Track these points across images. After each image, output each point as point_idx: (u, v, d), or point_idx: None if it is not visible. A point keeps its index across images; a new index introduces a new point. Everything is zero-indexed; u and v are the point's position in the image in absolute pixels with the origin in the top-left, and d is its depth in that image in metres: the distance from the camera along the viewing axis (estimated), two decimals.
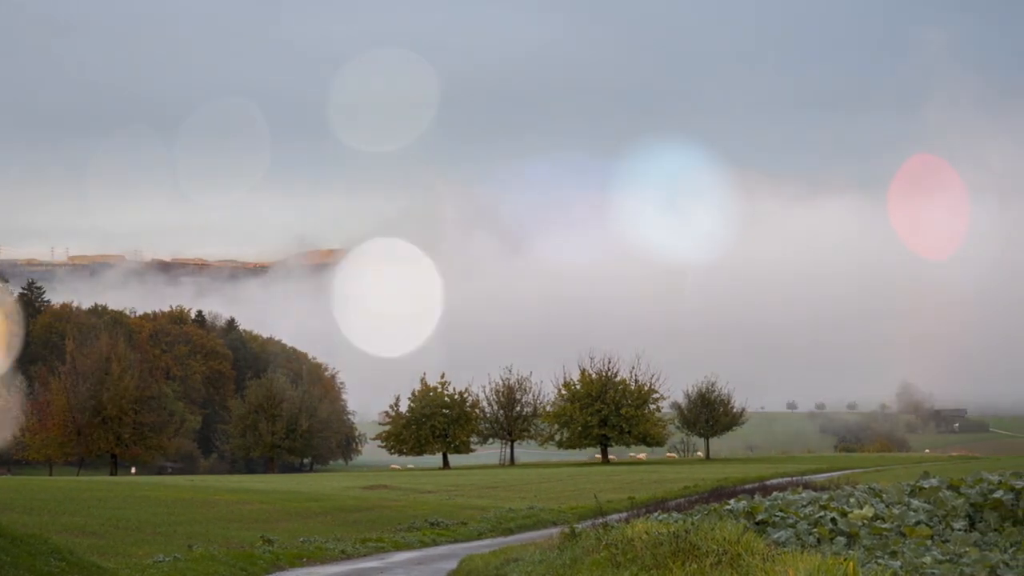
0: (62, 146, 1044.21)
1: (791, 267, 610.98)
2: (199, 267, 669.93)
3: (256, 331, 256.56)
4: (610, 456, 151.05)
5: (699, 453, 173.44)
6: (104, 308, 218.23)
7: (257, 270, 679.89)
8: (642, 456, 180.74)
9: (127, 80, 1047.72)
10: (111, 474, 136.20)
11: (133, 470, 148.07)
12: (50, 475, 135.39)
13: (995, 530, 29.92)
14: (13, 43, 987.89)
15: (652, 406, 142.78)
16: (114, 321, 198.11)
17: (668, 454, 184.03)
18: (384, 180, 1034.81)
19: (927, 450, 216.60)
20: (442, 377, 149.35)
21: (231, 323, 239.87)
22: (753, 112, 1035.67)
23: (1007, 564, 23.07)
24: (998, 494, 31.67)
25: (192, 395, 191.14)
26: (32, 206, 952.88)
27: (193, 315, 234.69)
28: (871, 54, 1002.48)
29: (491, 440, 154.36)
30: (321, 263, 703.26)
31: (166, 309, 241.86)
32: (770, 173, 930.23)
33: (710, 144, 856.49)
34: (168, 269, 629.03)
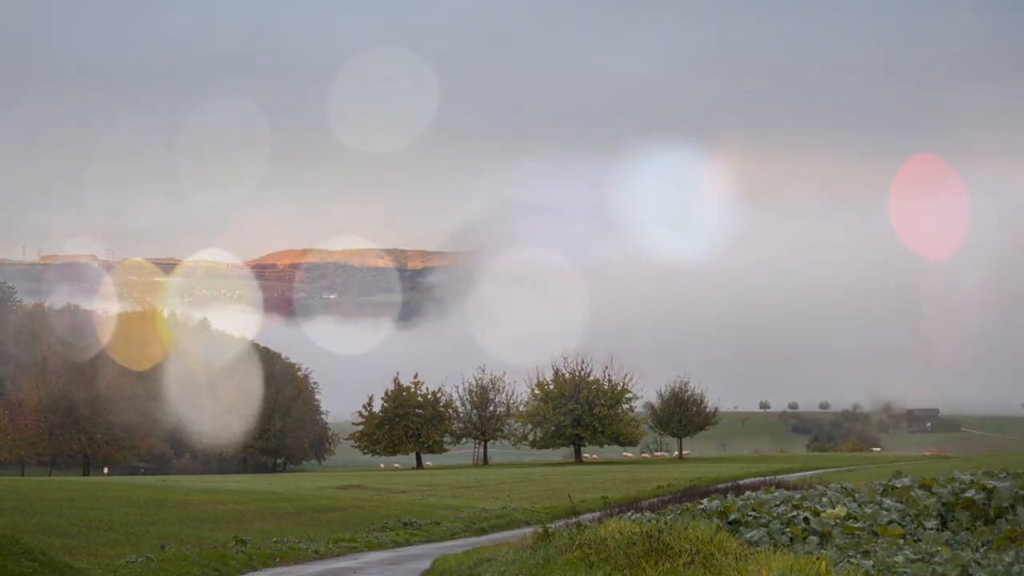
0: (61, 145, 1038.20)
1: (783, 267, 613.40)
2: (171, 266, 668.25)
3: (229, 331, 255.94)
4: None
5: (686, 452, 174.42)
6: (76, 308, 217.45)
7: (232, 269, 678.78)
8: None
9: (126, 79, 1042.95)
10: (83, 474, 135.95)
11: (106, 470, 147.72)
12: (22, 475, 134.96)
13: (967, 529, 30.02)
14: (11, 43, 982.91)
15: (625, 406, 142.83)
16: (85, 322, 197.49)
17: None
18: (384, 180, 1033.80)
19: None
20: (415, 377, 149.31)
21: (203, 323, 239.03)
22: (752, 113, 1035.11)
23: (978, 563, 23.16)
24: (970, 493, 31.78)
25: (164, 395, 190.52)
26: (29, 205, 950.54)
27: (165, 315, 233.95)
28: (876, 52, 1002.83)
29: (464, 440, 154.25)
30: (295, 263, 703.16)
31: (138, 309, 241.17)
32: (768, 173, 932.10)
33: (707, 144, 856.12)
34: (141, 269, 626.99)
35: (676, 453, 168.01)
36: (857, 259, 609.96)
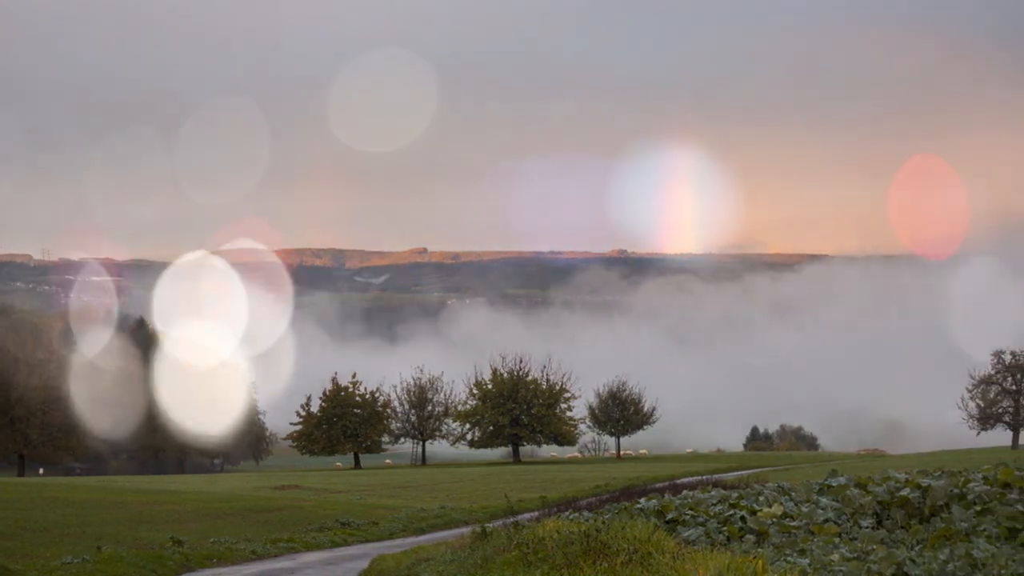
0: (60, 144, 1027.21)
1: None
2: (105, 265, 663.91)
3: (165, 329, 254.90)
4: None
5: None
6: (10, 307, 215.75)
7: (164, 267, 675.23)
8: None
9: (123, 79, 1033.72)
10: (19, 475, 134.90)
11: (41, 471, 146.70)
12: None
13: (902, 527, 30.24)
14: (11, 41, 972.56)
15: (563, 405, 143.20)
16: (21, 321, 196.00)
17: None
18: (384, 180, 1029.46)
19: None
20: (353, 377, 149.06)
21: (141, 322, 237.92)
22: (745, 112, 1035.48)
23: (913, 561, 23.31)
24: (905, 492, 32.02)
25: (101, 395, 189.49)
26: (29, 204, 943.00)
27: (103, 314, 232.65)
28: (872, 47, 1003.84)
29: (403, 440, 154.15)
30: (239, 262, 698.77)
31: (74, 308, 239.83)
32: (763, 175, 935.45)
33: (704, 144, 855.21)
34: (75, 268, 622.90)
35: (614, 452, 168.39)
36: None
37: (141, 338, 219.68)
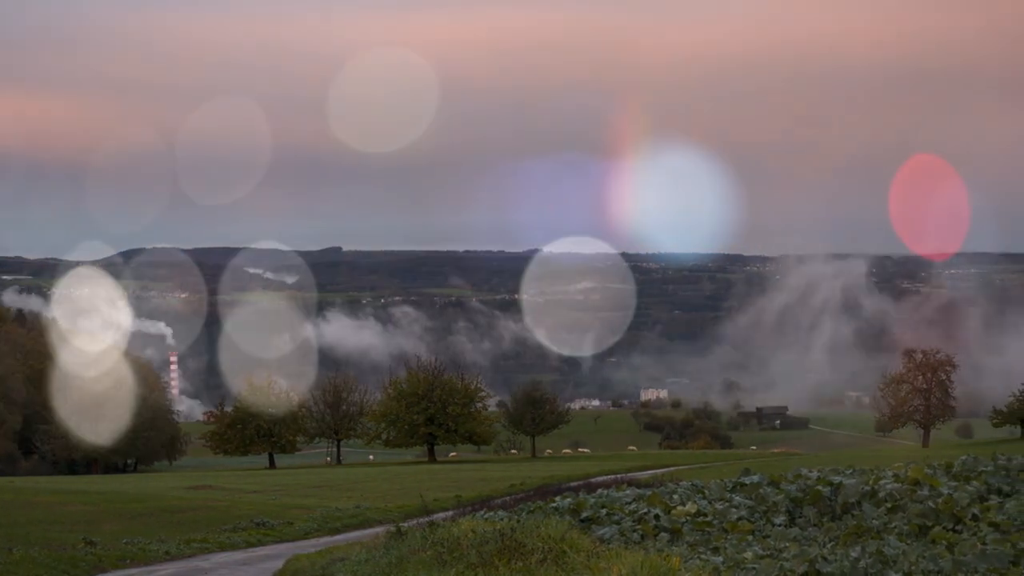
0: (60, 144, 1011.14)
1: None
2: (18, 265, 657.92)
3: (78, 329, 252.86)
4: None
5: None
6: None
7: (85, 267, 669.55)
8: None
9: (121, 79, 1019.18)
10: None
11: None
12: None
13: (814, 525, 30.52)
14: (10, 40, 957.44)
15: (478, 404, 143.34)
16: None
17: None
18: (383, 181, 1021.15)
19: (753, 446, 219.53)
20: (268, 376, 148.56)
21: (52, 322, 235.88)
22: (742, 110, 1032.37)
23: (825, 558, 23.52)
24: (818, 489, 32.32)
25: (12, 395, 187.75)
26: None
27: (13, 314, 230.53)
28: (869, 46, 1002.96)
29: (317, 439, 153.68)
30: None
31: None
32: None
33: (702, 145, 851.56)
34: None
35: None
36: None
37: (46, 337, 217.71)
